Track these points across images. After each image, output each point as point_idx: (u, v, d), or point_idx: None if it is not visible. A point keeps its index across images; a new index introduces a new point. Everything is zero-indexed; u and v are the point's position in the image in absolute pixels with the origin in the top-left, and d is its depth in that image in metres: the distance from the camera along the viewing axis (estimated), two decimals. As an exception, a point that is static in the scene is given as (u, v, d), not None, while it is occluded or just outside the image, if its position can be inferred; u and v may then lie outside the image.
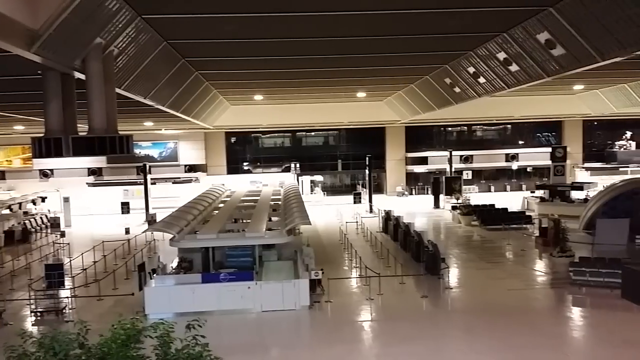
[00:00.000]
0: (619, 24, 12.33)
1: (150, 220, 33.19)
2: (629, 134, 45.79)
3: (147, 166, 37.98)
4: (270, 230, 19.08)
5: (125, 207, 39.50)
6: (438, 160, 44.87)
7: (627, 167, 43.83)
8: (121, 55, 15.24)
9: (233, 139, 47.26)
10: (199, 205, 24.38)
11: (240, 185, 37.40)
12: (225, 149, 46.54)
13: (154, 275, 17.24)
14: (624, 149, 45.49)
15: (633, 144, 45.58)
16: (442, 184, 39.62)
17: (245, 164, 47.50)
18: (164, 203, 36.43)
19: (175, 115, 27.04)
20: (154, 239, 27.54)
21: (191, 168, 45.34)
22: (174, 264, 19.08)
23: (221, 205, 27.33)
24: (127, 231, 29.98)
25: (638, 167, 43.95)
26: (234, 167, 46.48)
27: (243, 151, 47.93)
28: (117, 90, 15.89)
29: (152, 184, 39.26)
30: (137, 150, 42.68)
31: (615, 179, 33.58)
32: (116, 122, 14.88)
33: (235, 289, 16.27)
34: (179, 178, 44.01)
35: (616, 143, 46.20)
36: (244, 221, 22.67)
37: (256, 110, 38.11)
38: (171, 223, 19.07)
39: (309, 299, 16.54)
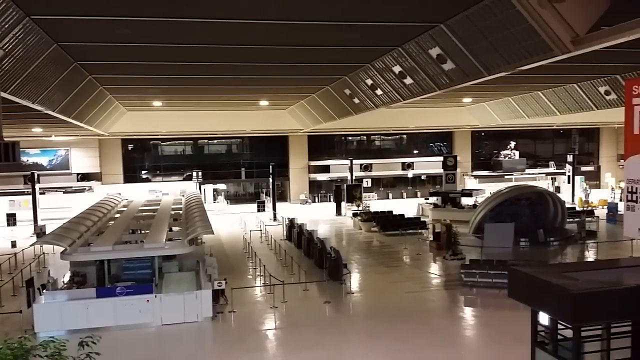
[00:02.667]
0: (503, 41, 13.30)
1: (39, 232, 31.33)
2: (513, 144, 49.23)
3: (36, 175, 35.70)
4: (170, 241, 18.59)
5: (11, 219, 36.81)
6: (339, 168, 45.90)
7: (512, 174, 47.32)
8: (7, 57, 14.24)
9: (130, 146, 45.45)
10: (92, 216, 23.31)
11: (138, 194, 36.22)
12: (122, 156, 44.68)
13: (44, 290, 16.24)
14: (509, 158, 48.87)
15: (517, 153, 49.14)
16: (343, 192, 40.53)
17: (143, 172, 45.85)
18: (55, 214, 34.51)
19: (67, 121, 25.64)
20: (44, 253, 25.82)
21: (84, 177, 43.06)
22: (66, 278, 18.05)
23: (117, 215, 26.32)
24: (14, 244, 28.18)
25: (521, 174, 47.56)
26: (131, 176, 44.70)
27: (141, 159, 46.23)
28: (3, 94, 14.84)
29: (41, 193, 37.02)
30: (24, 158, 39.96)
31: (501, 186, 36.12)
32: (1, 128, 13.86)
33: (133, 302, 15.71)
34: (71, 187, 41.74)
35: (501, 152, 49.48)
36: (143, 232, 21.99)
37: (155, 116, 36.97)
38: (62, 235, 18.11)
39: (212, 310, 16.29)
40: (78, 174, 43.06)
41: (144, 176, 45.67)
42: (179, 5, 12.63)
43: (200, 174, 43.48)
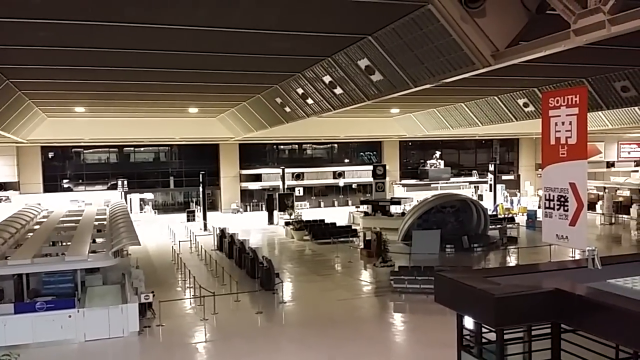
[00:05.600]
0: (428, 54, 13.71)
1: (-52, 246, 29.13)
2: (438, 153, 50.93)
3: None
4: (93, 253, 17.88)
5: None
6: (271, 177, 45.77)
7: (438, 183, 48.86)
8: None
9: (50, 154, 43.41)
10: (10, 228, 22.16)
11: (60, 204, 34.63)
12: (42, 165, 42.56)
13: (-46, 309, 15.19)
14: (435, 167, 50.48)
15: (442, 162, 50.83)
16: (275, 201, 40.42)
17: (65, 181, 43.81)
18: (-34, 226, 32.28)
19: (-19, 127, 24.16)
20: (-47, 268, 24.12)
21: (1, 186, 40.62)
22: (-20, 294, 16.96)
23: (37, 227, 25.09)
24: None
25: (446, 183, 49.20)
26: (52, 185, 42.56)
27: (62, 167, 44.18)
28: None
29: (-50, 205, 34.61)
30: None
31: (428, 194, 37.17)
32: None
33: (54, 318, 15.00)
34: (-14, 198, 39.33)
35: (428, 162, 51.08)
36: (64, 244, 21.07)
37: (77, 123, 35.38)
38: (-25, 249, 17.02)
39: (139, 324, 15.77)
40: (-7, 184, 40.66)
41: (65, 185, 43.64)
42: (101, 9, 12.19)
43: (125, 182, 42.09)
